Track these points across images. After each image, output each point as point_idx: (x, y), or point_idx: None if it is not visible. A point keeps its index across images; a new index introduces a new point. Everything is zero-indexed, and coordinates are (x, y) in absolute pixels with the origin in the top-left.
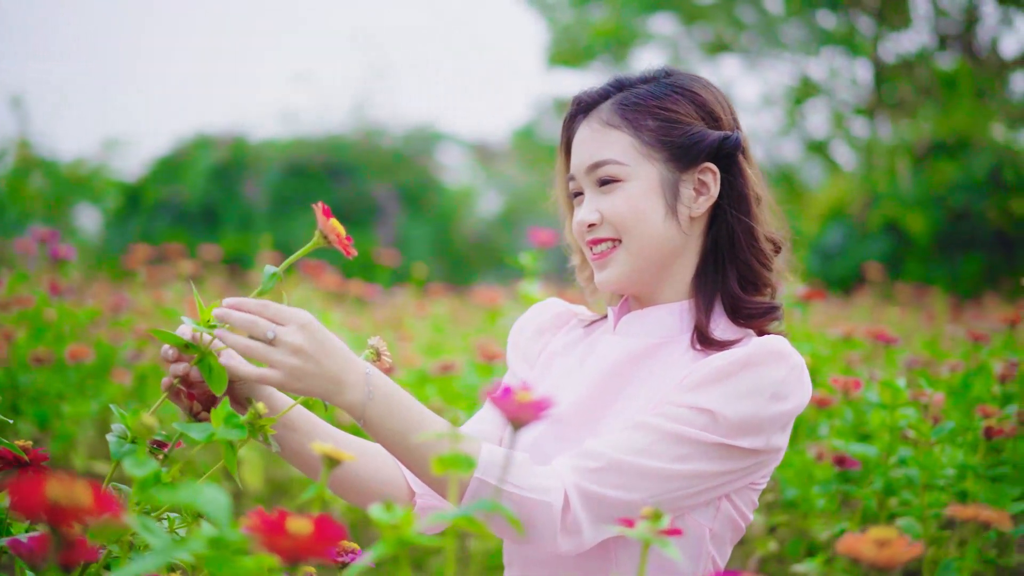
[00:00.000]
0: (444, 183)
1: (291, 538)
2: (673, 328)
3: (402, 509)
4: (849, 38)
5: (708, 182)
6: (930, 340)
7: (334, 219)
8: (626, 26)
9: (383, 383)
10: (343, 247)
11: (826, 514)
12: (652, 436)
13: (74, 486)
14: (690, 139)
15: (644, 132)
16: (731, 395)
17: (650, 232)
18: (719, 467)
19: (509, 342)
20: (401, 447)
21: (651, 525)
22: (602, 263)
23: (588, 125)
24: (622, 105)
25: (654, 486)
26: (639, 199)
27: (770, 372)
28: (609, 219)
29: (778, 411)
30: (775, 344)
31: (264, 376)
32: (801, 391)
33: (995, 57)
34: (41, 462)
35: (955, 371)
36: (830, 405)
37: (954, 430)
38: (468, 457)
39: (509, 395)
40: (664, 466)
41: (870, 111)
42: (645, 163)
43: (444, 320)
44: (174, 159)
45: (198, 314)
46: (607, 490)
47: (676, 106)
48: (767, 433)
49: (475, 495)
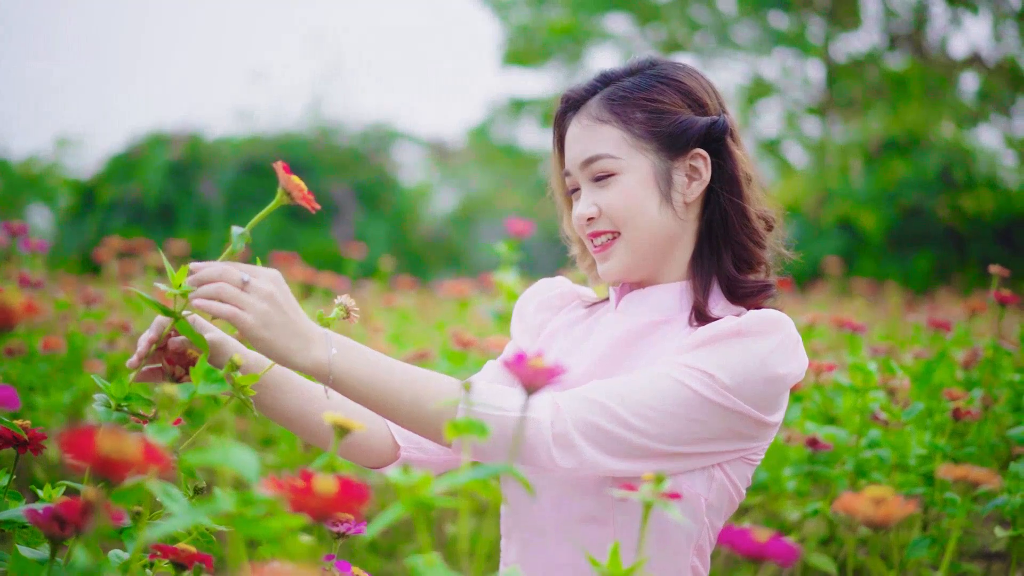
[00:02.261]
0: (400, 181)
1: (318, 497)
2: (673, 307)
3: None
4: (801, 38)
5: (699, 167)
6: (888, 332)
7: (294, 176)
8: (581, 25)
9: (343, 338)
10: (306, 202)
11: (797, 495)
12: (649, 380)
13: (124, 440)
14: (678, 127)
15: (634, 124)
16: (724, 359)
17: (647, 222)
18: (711, 421)
19: (514, 313)
20: (374, 397)
21: (654, 488)
22: (604, 255)
23: (578, 121)
24: (610, 99)
25: (650, 426)
26: (634, 190)
27: (762, 340)
28: (607, 212)
29: (770, 376)
30: (768, 314)
31: (235, 316)
32: (795, 360)
33: (944, 57)
34: (40, 442)
35: (919, 358)
36: (799, 389)
37: (922, 412)
38: (481, 424)
39: (523, 360)
40: (659, 406)
41: (822, 110)
42: (637, 155)
43: (411, 312)
44: (129, 157)
45: (170, 280)
46: (602, 421)
47: (663, 96)
48: (759, 398)
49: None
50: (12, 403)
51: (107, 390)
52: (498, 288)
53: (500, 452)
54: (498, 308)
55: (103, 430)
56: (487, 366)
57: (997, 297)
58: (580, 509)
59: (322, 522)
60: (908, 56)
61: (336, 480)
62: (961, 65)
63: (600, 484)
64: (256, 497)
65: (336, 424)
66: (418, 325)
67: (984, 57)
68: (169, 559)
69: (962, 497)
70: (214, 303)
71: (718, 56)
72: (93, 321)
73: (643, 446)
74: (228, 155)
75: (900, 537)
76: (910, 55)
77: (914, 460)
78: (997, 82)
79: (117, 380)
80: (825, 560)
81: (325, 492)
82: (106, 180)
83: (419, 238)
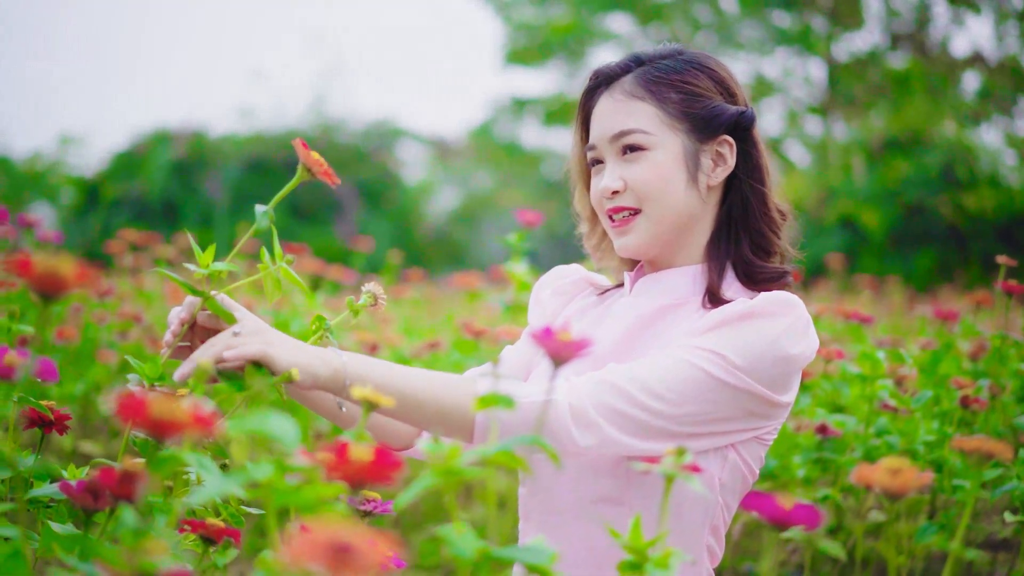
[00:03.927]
0: (403, 179)
1: (354, 465)
2: (687, 290)
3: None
4: (803, 38)
5: (725, 153)
6: (892, 326)
7: (314, 152)
8: (583, 24)
9: (349, 352)
10: (327, 176)
11: (805, 483)
12: (663, 363)
13: (174, 403)
14: (711, 112)
15: (668, 104)
16: (737, 340)
17: (672, 199)
18: (725, 401)
19: (531, 299)
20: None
21: (675, 460)
22: (623, 230)
23: (611, 96)
24: (645, 77)
25: (666, 407)
26: (664, 167)
27: (774, 321)
28: (633, 186)
29: (781, 356)
30: (779, 295)
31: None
32: (806, 340)
33: (946, 56)
34: (64, 422)
35: (925, 349)
36: (808, 378)
37: (929, 401)
38: (508, 398)
39: (551, 333)
40: (674, 387)
41: (824, 109)
42: (669, 133)
43: (420, 304)
44: (132, 154)
45: (198, 262)
46: (619, 403)
47: (697, 80)
48: (771, 378)
49: (486, 420)
50: (51, 375)
51: (140, 370)
52: (509, 278)
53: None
54: (508, 299)
55: (154, 395)
56: (504, 352)
57: (1004, 287)
58: (597, 489)
59: (358, 489)
60: (910, 55)
61: (371, 448)
62: (963, 64)
63: (616, 465)
64: (293, 465)
65: (364, 399)
66: (425, 319)
67: (986, 56)
68: (198, 533)
69: (975, 469)
70: (235, 351)
71: (720, 55)
72: (106, 311)
73: (660, 427)
74: (231, 153)
75: (908, 527)
76: (912, 54)
77: (922, 447)
78: (999, 81)
79: (151, 359)
80: (834, 546)
81: (361, 459)
82: (110, 177)
83: (422, 235)
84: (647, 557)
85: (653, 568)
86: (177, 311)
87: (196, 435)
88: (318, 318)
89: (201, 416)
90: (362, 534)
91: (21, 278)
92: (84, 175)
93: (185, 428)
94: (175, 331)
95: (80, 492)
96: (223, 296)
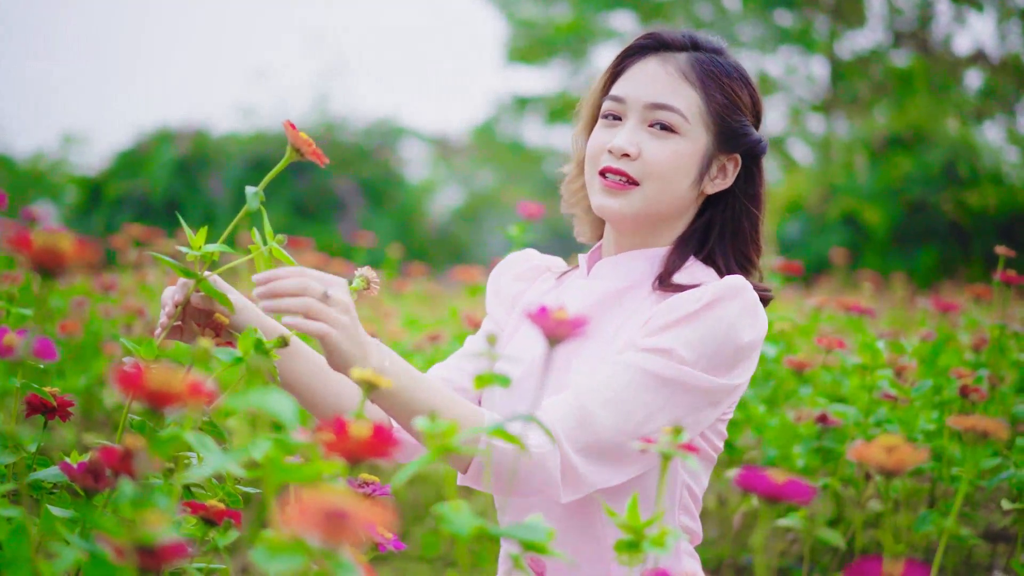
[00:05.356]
0: (406, 177)
1: (353, 441)
2: (643, 273)
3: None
4: (806, 36)
5: (728, 169)
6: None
7: (303, 132)
8: (585, 23)
9: (388, 349)
10: (316, 156)
11: (806, 472)
12: (627, 376)
13: (172, 374)
14: (741, 128)
15: (712, 102)
16: (693, 335)
17: (675, 189)
18: (692, 402)
19: (488, 288)
20: (399, 407)
21: (672, 439)
22: (614, 192)
23: (663, 64)
24: (701, 65)
25: (634, 428)
26: (684, 157)
27: (727, 310)
28: (647, 160)
29: (734, 344)
30: (731, 281)
31: (327, 335)
32: (756, 324)
33: (949, 54)
34: (67, 408)
35: (926, 340)
36: (808, 369)
37: (929, 390)
38: (504, 376)
39: (545, 313)
40: (642, 407)
41: (826, 107)
42: (702, 129)
43: (422, 299)
44: (135, 153)
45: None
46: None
47: (740, 93)
48: (723, 366)
49: (478, 462)
50: (50, 354)
51: (137, 351)
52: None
53: (514, 482)
54: None
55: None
56: (467, 341)
57: (1003, 278)
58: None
59: (356, 466)
60: (913, 53)
61: (369, 425)
62: (965, 62)
63: None
64: (293, 442)
65: (363, 380)
66: (427, 314)
67: (988, 54)
68: (199, 515)
69: (971, 448)
70: (307, 322)
71: None
72: (110, 305)
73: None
74: (234, 151)
75: (907, 518)
76: (915, 52)
77: (921, 436)
78: (1001, 79)
79: (146, 341)
80: (834, 534)
81: (359, 436)
82: (113, 176)
83: (424, 234)
84: (644, 536)
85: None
86: (171, 292)
87: (193, 406)
88: (359, 277)
89: (197, 387)
90: (357, 503)
91: (20, 254)
92: (87, 174)
93: (182, 399)
94: (169, 312)
95: (81, 473)
96: (216, 278)
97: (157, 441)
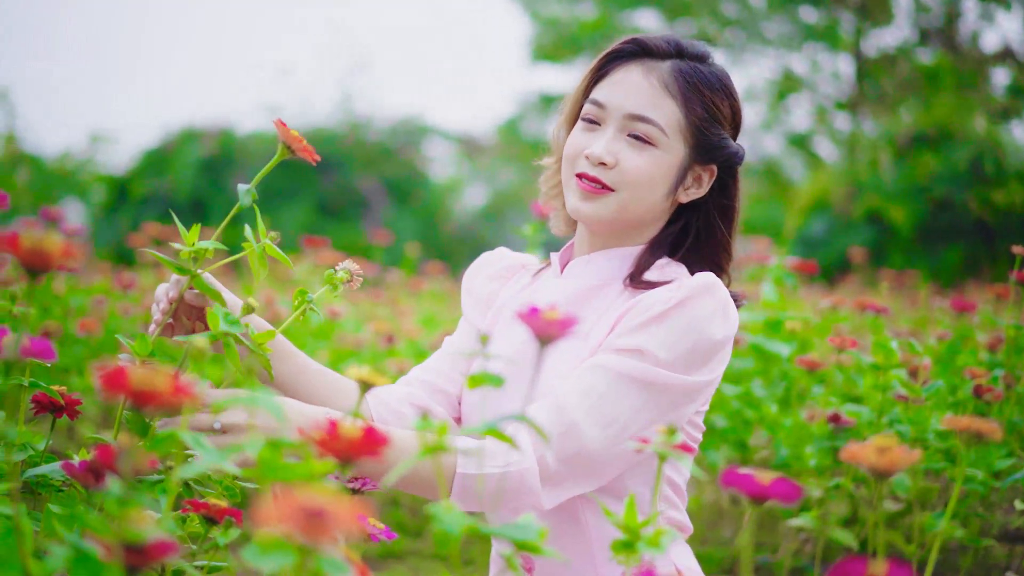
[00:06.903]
0: (430, 176)
1: (344, 441)
2: (616, 271)
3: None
4: (831, 33)
5: (704, 179)
6: (916, 318)
7: (294, 130)
8: (610, 21)
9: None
10: (306, 153)
11: (818, 472)
12: (607, 382)
13: (155, 374)
14: (719, 142)
15: (691, 115)
16: (668, 335)
17: (649, 198)
18: (671, 401)
19: (463, 289)
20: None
21: (666, 440)
22: (589, 196)
23: (647, 75)
24: (683, 77)
25: (616, 432)
26: (659, 169)
27: (700, 308)
28: (623, 170)
29: (711, 342)
30: (702, 279)
31: (245, 462)
32: (728, 322)
33: (976, 51)
34: (75, 407)
35: (942, 340)
36: (821, 369)
37: (943, 390)
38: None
39: (536, 313)
40: (624, 411)
41: (852, 105)
42: (679, 142)
43: (440, 298)
44: (161, 152)
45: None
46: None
47: (722, 105)
48: (695, 363)
49: (462, 488)
50: (48, 355)
51: (132, 347)
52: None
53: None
54: None
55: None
56: (445, 342)
57: (1019, 277)
58: None
59: (347, 465)
60: (939, 51)
61: (360, 425)
62: (992, 60)
63: None
64: (285, 442)
65: (361, 379)
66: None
67: (1016, 52)
68: (200, 514)
69: (965, 450)
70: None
71: (748, 51)
72: (129, 303)
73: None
74: (259, 150)
75: (922, 519)
76: (941, 50)
77: (933, 436)
78: None
79: (140, 337)
80: (846, 534)
81: (350, 436)
82: (139, 175)
83: (448, 233)
84: (640, 536)
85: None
86: (165, 288)
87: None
88: (300, 292)
89: (181, 386)
90: (336, 500)
91: (9, 253)
92: (114, 173)
93: (165, 398)
94: (164, 309)
95: (82, 471)
96: (208, 275)
97: (154, 439)
